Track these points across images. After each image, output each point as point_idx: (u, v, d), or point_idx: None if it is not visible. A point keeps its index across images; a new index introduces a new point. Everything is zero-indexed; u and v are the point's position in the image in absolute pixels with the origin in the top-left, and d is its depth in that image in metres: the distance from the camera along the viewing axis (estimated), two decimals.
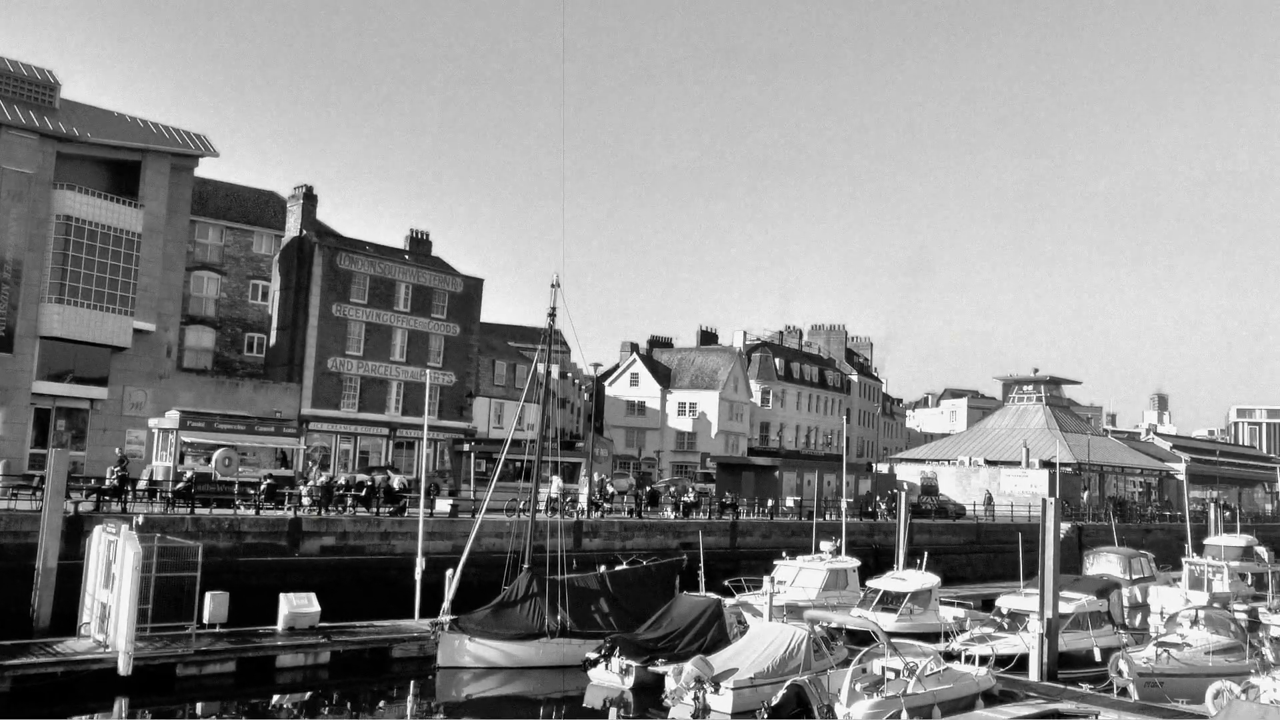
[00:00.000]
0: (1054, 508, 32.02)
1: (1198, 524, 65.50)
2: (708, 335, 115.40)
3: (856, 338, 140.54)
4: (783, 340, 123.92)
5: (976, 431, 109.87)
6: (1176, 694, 27.30)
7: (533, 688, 28.55)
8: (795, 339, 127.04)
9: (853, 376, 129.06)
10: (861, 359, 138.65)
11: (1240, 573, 52.49)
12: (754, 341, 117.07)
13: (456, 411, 68.33)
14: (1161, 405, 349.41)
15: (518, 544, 32.83)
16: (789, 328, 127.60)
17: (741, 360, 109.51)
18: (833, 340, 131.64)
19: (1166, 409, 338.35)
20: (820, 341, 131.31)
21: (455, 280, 69.78)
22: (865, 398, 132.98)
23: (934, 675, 24.58)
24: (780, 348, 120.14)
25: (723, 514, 52.03)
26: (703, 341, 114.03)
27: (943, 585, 41.78)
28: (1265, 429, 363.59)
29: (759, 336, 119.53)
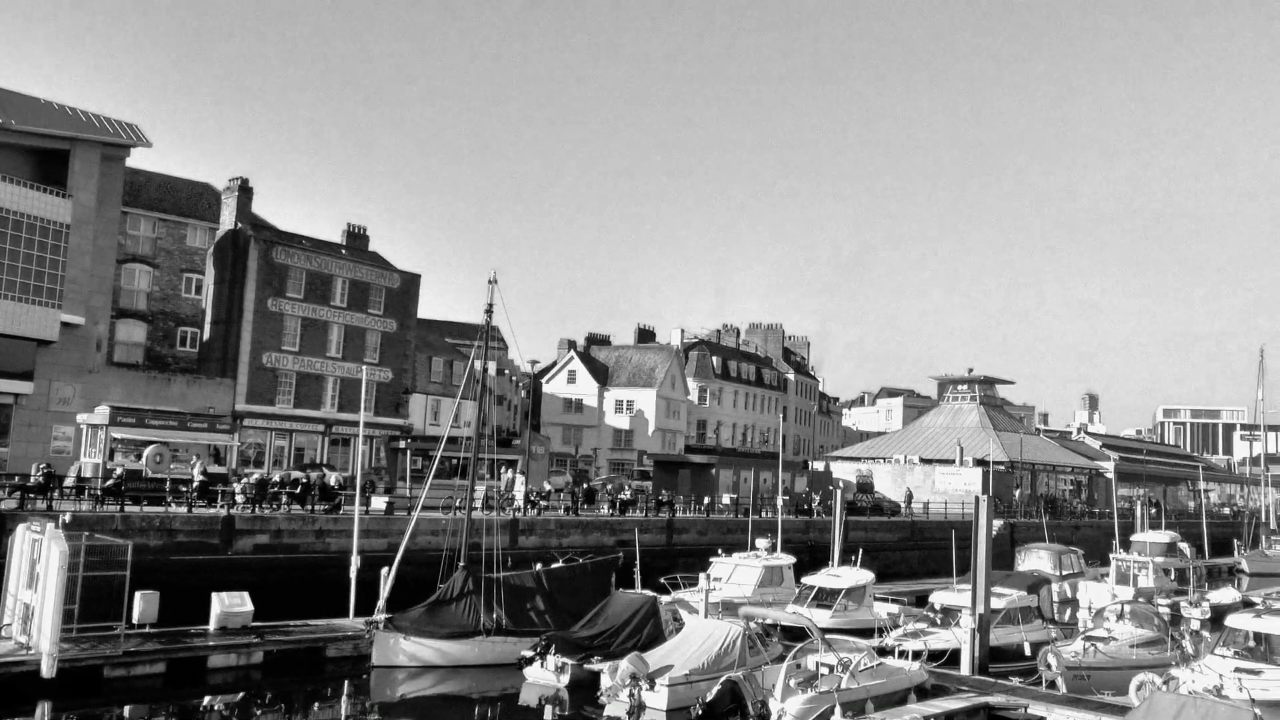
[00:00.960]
0: (987, 505, 32.43)
1: (1125, 521, 66.85)
2: (645, 333, 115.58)
3: (794, 336, 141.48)
4: (720, 339, 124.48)
5: (912, 430, 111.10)
6: (1102, 686, 27.90)
7: (468, 686, 28.38)
8: (733, 337, 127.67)
9: (790, 375, 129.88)
10: (799, 358, 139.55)
11: (1164, 568, 53.79)
12: (691, 340, 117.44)
13: (393, 408, 67.87)
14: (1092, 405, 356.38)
15: (453, 542, 32.59)
16: (726, 326, 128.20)
17: (679, 358, 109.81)
18: (770, 339, 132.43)
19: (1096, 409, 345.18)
20: (758, 340, 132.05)
21: (392, 275, 69.28)
22: (802, 396, 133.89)
23: (867, 670, 24.84)
24: (718, 346, 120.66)
25: (659, 511, 52.18)
26: (640, 339, 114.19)
27: (877, 582, 42.16)
28: (1190, 429, 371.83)
29: (696, 335, 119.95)
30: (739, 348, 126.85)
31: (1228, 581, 59.67)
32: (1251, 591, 53.72)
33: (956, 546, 38.20)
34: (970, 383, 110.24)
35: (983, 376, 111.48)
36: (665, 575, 38.80)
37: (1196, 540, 65.73)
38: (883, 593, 41.86)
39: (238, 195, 63.55)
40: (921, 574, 54.84)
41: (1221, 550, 74.88)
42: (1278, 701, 24.75)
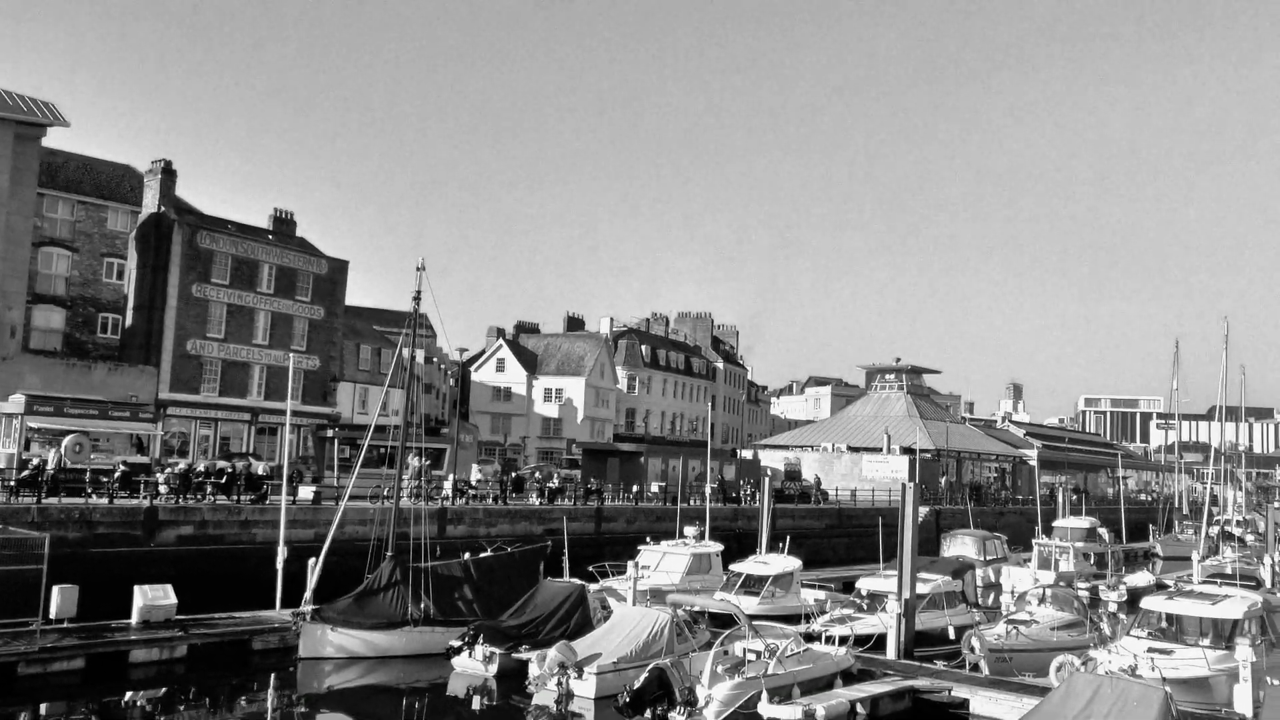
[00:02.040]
0: (913, 492, 32.92)
1: (1047, 507, 68.14)
2: (574, 321, 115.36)
3: (723, 325, 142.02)
4: (649, 327, 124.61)
5: (840, 418, 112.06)
6: (1024, 668, 28.55)
7: (396, 677, 28.24)
8: (662, 326, 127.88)
9: (718, 364, 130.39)
10: (727, 346, 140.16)
11: (1084, 553, 55.02)
12: (621, 328, 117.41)
13: (320, 396, 67.19)
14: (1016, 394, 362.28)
15: (381, 531, 32.41)
16: (656, 315, 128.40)
17: (608, 347, 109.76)
18: (699, 328, 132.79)
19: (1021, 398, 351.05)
20: (687, 329, 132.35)
21: (320, 262, 68.49)
22: (731, 385, 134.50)
23: (794, 656, 25.18)
24: (647, 334, 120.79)
25: (588, 500, 52.15)
26: (570, 328, 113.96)
27: (805, 568, 42.67)
28: (1110, 417, 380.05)
29: (626, 323, 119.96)
30: (668, 336, 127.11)
31: (1143, 565, 61.07)
32: (1165, 575, 55.10)
33: (883, 533, 38.71)
34: (898, 372, 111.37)
35: (910, 366, 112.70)
36: (594, 563, 38.85)
37: (1115, 526, 67.25)
38: (810, 579, 42.31)
39: (161, 178, 62.36)
40: (848, 560, 55.41)
41: (1138, 535, 76.63)
42: (1187, 679, 25.61)
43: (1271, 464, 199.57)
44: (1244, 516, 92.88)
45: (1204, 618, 28.74)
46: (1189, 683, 25.65)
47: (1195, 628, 28.67)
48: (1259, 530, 77.03)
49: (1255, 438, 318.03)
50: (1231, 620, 28.25)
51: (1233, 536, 76.21)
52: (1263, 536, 68.31)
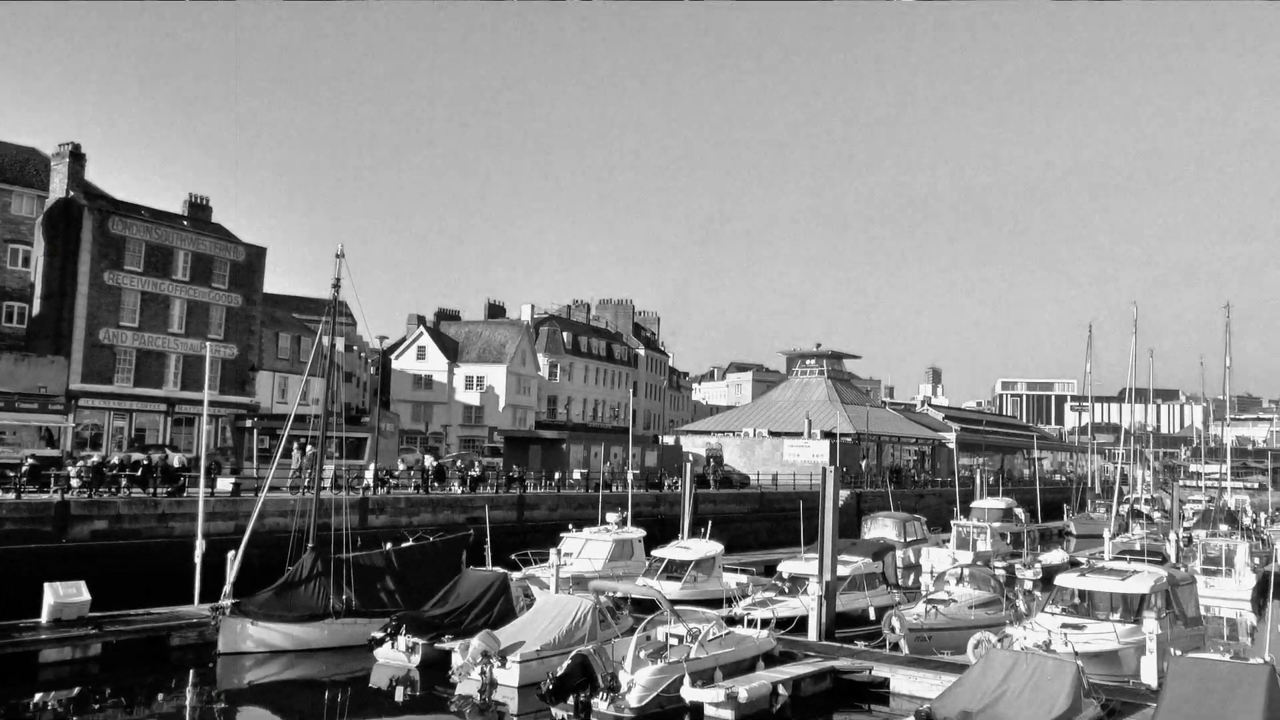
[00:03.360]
0: (834, 476, 33.33)
1: (966, 489, 69.35)
2: (495, 308, 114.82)
3: (644, 312, 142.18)
4: (570, 314, 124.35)
5: (761, 404, 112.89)
6: (943, 646, 29.11)
7: (318, 670, 27.98)
8: (583, 313, 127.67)
9: (640, 350, 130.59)
10: (649, 333, 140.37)
11: (1001, 533, 56.17)
12: (542, 315, 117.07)
13: (239, 386, 66.12)
14: (935, 379, 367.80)
15: (302, 523, 32.07)
16: (577, 302, 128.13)
17: (529, 334, 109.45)
18: (620, 314, 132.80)
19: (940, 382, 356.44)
20: (608, 316, 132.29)
21: (237, 249, 67.35)
22: (652, 371, 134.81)
23: (716, 640, 25.40)
24: (568, 321, 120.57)
25: (510, 488, 52.08)
26: (490, 314, 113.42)
27: (727, 553, 43.00)
28: (1026, 400, 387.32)
29: (547, 310, 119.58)
30: (589, 323, 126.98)
31: (1058, 544, 62.49)
32: (1078, 552, 56.54)
33: (804, 517, 39.10)
34: (818, 357, 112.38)
35: (830, 351, 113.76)
36: (516, 552, 38.77)
37: (1031, 506, 68.57)
38: (732, 563, 42.68)
39: (69, 162, 60.70)
40: (770, 544, 55.94)
41: (1053, 514, 78.20)
42: (1098, 652, 26.38)
43: (1177, 444, 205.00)
44: (1152, 495, 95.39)
45: (1113, 593, 29.59)
46: (1100, 656, 26.39)
47: (1105, 603, 29.53)
48: (1165, 508, 79.13)
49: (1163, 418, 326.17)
50: (1139, 595, 29.10)
51: (1141, 514, 78.35)
52: (1169, 514, 70.21)
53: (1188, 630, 29.89)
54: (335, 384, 36.89)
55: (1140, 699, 22.78)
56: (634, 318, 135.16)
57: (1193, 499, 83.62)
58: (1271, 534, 62.71)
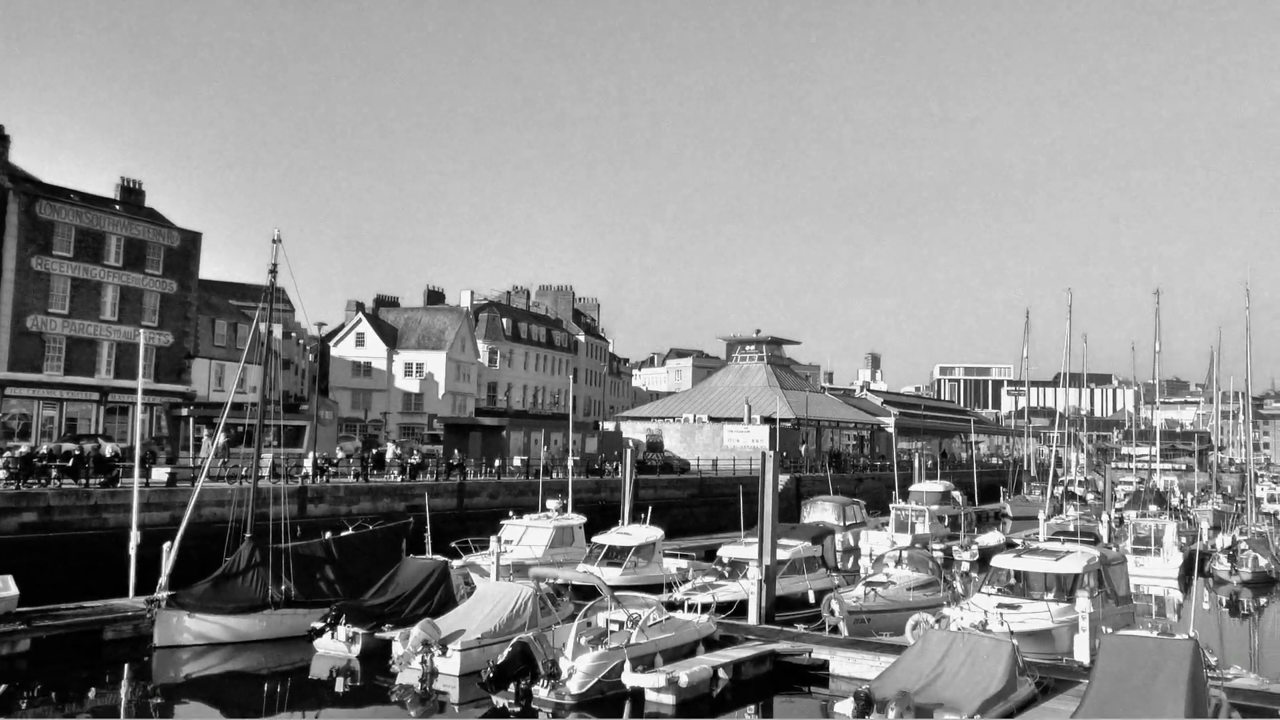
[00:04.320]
0: (773, 461, 33.50)
1: (904, 473, 70.18)
2: (435, 294, 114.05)
3: (584, 298, 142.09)
4: (510, 300, 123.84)
5: (701, 390, 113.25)
6: (882, 628, 29.49)
7: (256, 662, 27.62)
8: (523, 299, 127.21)
9: (580, 336, 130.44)
10: (589, 319, 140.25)
11: (938, 516, 56.95)
12: (481, 301, 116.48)
13: (174, 374, 65.17)
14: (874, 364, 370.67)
15: (239, 512, 31.65)
16: (517, 288, 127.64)
17: (469, 320, 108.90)
18: (560, 300, 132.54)
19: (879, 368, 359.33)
20: (548, 302, 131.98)
21: (171, 234, 66.27)
22: (592, 357, 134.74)
23: (656, 625, 25.51)
24: (508, 308, 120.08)
25: (450, 475, 51.89)
26: (430, 301, 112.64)
27: (667, 538, 43.14)
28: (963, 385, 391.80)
29: (486, 296, 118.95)
30: (529, 309, 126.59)
31: (994, 526, 63.47)
32: (1014, 534, 57.51)
33: (744, 501, 39.33)
34: (758, 343, 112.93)
35: (770, 337, 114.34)
36: (457, 539, 38.71)
37: (968, 489, 69.54)
38: (672, 549, 42.86)
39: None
40: (710, 529, 56.19)
41: (990, 497, 79.38)
42: (1032, 631, 26.91)
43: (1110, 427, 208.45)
44: (1085, 477, 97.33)
45: (1047, 573, 30.19)
46: (1034, 635, 26.92)
47: (1040, 583, 30.12)
48: (1098, 489, 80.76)
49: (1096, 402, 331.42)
50: (1072, 575, 29.69)
51: (1075, 496, 79.91)
52: (1101, 495, 71.61)
53: (1119, 608, 30.61)
54: (273, 371, 36.50)
55: (1073, 676, 23.22)
56: (574, 304, 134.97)
57: (1124, 481, 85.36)
58: (1197, 514, 64.30)
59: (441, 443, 68.18)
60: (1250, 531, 55.07)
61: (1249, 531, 55.14)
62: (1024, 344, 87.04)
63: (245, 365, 41.48)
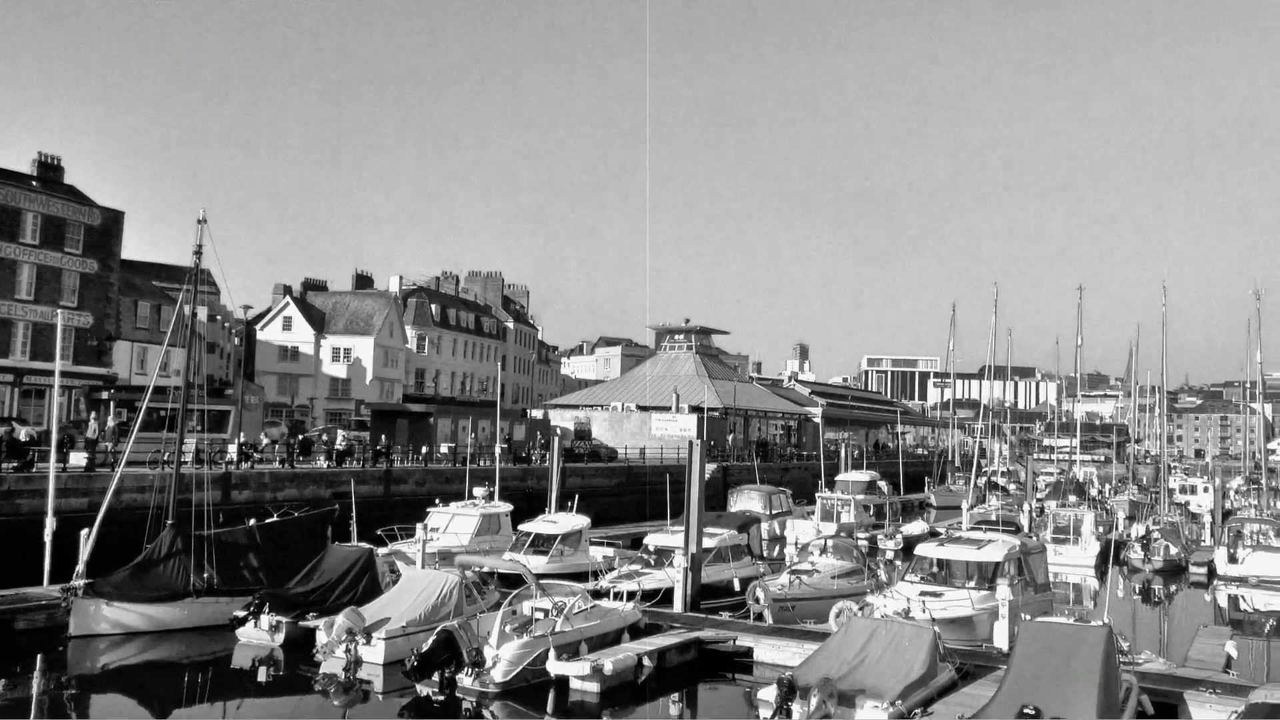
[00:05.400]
0: (700, 449, 33.66)
1: (831, 462, 70.81)
2: (364, 279, 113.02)
3: (513, 285, 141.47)
4: (439, 286, 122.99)
5: (630, 378, 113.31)
6: (806, 615, 29.79)
7: (177, 651, 27.13)
8: (452, 285, 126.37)
9: (509, 323, 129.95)
10: (518, 306, 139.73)
11: (864, 505, 57.64)
12: (410, 286, 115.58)
13: (94, 356, 63.82)
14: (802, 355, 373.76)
15: (161, 499, 31.11)
16: (446, 274, 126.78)
17: (397, 305, 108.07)
18: (489, 287, 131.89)
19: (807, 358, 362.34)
20: (477, 288, 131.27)
21: (92, 212, 64.81)
22: (521, 345, 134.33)
23: (582, 613, 25.54)
24: (437, 293, 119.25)
25: (376, 462, 51.47)
26: (358, 285, 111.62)
27: (594, 526, 43.20)
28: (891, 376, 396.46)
29: (415, 282, 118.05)
30: (458, 296, 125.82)
31: (919, 515, 64.33)
32: (938, 523, 58.31)
33: (671, 490, 39.45)
34: (687, 332, 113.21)
35: (699, 327, 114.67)
36: (383, 527, 38.39)
37: (894, 479, 70.36)
38: (599, 537, 42.93)
39: None
40: (637, 518, 56.17)
41: (915, 487, 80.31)
42: (954, 618, 27.37)
43: (1032, 419, 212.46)
44: (1008, 468, 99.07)
45: (969, 561, 30.72)
46: (956, 621, 27.39)
47: (962, 571, 30.65)
48: (1020, 480, 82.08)
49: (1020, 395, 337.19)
50: (993, 563, 30.23)
51: (998, 486, 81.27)
52: (1023, 486, 72.85)
53: (1038, 596, 31.22)
54: (197, 355, 35.93)
55: (992, 661, 23.64)
56: (503, 290, 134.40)
57: (1045, 472, 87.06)
58: (1114, 504, 65.80)
59: (368, 429, 67.63)
60: (1163, 521, 56.47)
61: (1162, 521, 56.53)
62: (950, 337, 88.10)
63: (168, 348, 40.81)
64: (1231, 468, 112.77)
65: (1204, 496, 71.76)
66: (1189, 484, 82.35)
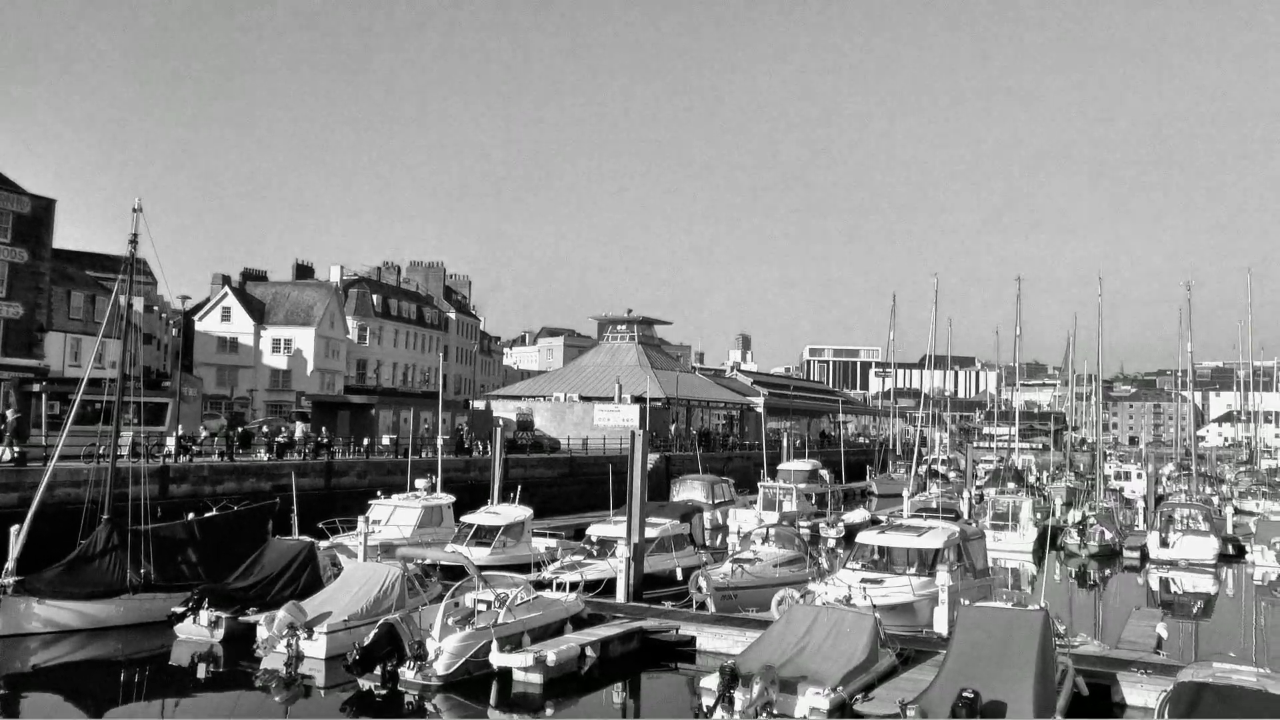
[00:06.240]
0: (642, 440, 33.67)
1: (773, 452, 71.20)
2: (304, 269, 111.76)
3: (455, 275, 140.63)
4: (381, 276, 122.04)
5: (572, 369, 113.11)
6: (748, 604, 29.96)
7: (112, 649, 26.63)
8: (394, 275, 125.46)
9: (451, 314, 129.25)
10: (460, 297, 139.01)
11: (806, 494, 57.98)
12: (351, 277, 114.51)
13: (25, 348, 62.56)
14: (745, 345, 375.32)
15: (96, 493, 30.62)
16: (387, 264, 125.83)
17: (338, 296, 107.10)
18: (431, 277, 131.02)
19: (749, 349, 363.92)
20: (419, 278, 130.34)
21: (22, 199, 63.46)
22: (463, 335, 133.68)
23: (525, 604, 25.53)
24: (378, 284, 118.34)
25: (318, 454, 51.00)
26: (299, 276, 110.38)
27: (537, 517, 43.10)
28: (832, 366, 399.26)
29: (356, 272, 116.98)
30: (400, 286, 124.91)
31: (860, 503, 64.95)
32: (879, 511, 58.87)
33: (614, 480, 39.46)
34: (630, 323, 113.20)
35: (641, 317, 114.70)
36: (324, 520, 38.08)
37: (836, 468, 70.89)
38: (541, 528, 42.85)
39: None
40: (580, 508, 56.16)
41: (856, 475, 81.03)
42: (895, 605, 27.67)
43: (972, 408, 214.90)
44: (948, 455, 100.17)
45: (909, 548, 31.02)
46: (896, 608, 27.68)
47: (903, 558, 30.95)
48: (960, 468, 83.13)
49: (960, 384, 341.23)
50: (933, 550, 30.55)
51: (938, 474, 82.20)
52: (963, 473, 73.76)
53: (977, 581, 31.57)
54: (133, 346, 35.31)
55: (932, 646, 23.94)
56: (445, 281, 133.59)
57: (985, 459, 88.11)
58: (1052, 491, 66.81)
59: (310, 421, 66.99)
60: (1099, 507, 57.36)
61: (1097, 507, 57.43)
62: (891, 327, 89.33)
63: (103, 339, 40.05)
64: (1164, 454, 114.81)
65: (1138, 483, 72.96)
66: (1123, 470, 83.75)
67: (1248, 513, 61.58)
